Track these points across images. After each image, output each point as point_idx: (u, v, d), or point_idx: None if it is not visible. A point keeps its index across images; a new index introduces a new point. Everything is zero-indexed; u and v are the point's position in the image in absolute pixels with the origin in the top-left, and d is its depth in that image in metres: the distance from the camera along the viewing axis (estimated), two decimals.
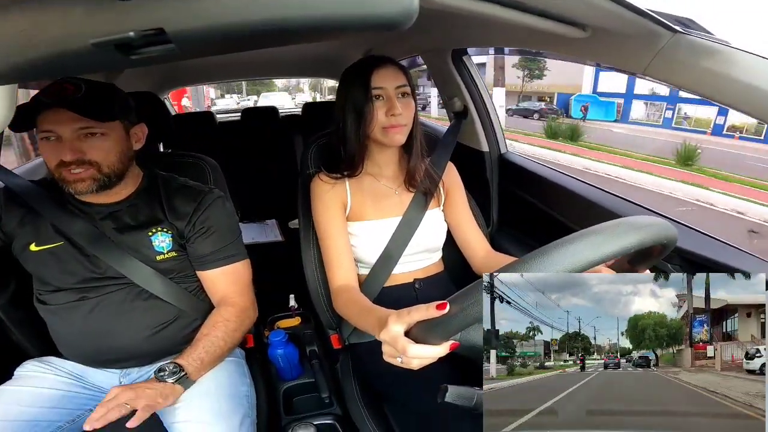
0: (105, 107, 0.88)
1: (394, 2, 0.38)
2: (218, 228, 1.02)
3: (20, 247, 0.94)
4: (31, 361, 0.98)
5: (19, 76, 0.52)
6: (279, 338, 1.14)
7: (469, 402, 0.57)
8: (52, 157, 0.87)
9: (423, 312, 0.58)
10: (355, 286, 1.04)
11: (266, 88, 24.98)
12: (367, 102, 0.97)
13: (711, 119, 19.87)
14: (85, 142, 0.87)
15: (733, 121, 18.76)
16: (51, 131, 0.85)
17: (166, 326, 0.99)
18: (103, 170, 0.90)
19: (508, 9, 0.70)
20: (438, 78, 1.61)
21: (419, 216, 1.08)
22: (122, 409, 0.77)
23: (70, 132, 0.86)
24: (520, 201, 1.47)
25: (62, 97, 0.83)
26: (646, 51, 0.76)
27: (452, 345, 0.57)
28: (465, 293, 0.53)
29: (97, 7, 0.38)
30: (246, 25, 0.38)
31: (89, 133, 0.87)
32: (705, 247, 0.90)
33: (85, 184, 0.88)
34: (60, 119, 0.84)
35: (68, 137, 0.86)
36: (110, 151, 0.90)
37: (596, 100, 23.75)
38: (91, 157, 0.88)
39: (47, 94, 0.84)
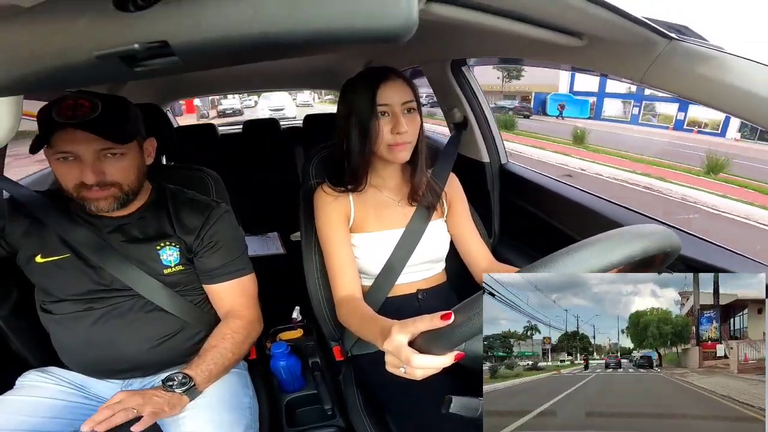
0: (124, 128, 0.88)
1: (394, 15, 0.38)
2: (226, 242, 1.03)
3: (25, 259, 0.94)
4: (32, 371, 0.98)
5: (24, 88, 0.52)
6: (281, 350, 1.14)
7: (473, 413, 0.56)
8: (70, 177, 0.86)
9: (427, 322, 0.58)
10: (358, 296, 1.03)
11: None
12: (372, 118, 0.94)
13: (673, 116, 21.64)
14: (105, 162, 0.87)
15: (695, 117, 21.15)
16: (69, 152, 0.84)
17: (170, 338, 0.98)
18: (124, 189, 0.91)
19: (507, 20, 0.71)
20: (437, 89, 1.63)
21: (422, 228, 1.08)
22: (129, 413, 0.76)
23: (91, 153, 0.85)
24: (521, 211, 1.47)
25: (79, 117, 0.82)
26: (642, 59, 0.77)
27: (457, 355, 0.57)
28: (469, 303, 0.52)
29: (101, 19, 0.39)
30: (248, 38, 0.39)
31: (109, 153, 0.87)
32: (707, 254, 0.89)
33: (107, 203, 0.89)
34: (79, 139, 0.83)
35: (88, 159, 0.85)
36: (129, 169, 0.91)
37: (571, 98, 24.54)
38: (113, 178, 0.88)
39: (63, 113, 0.82)
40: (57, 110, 0.82)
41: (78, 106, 0.83)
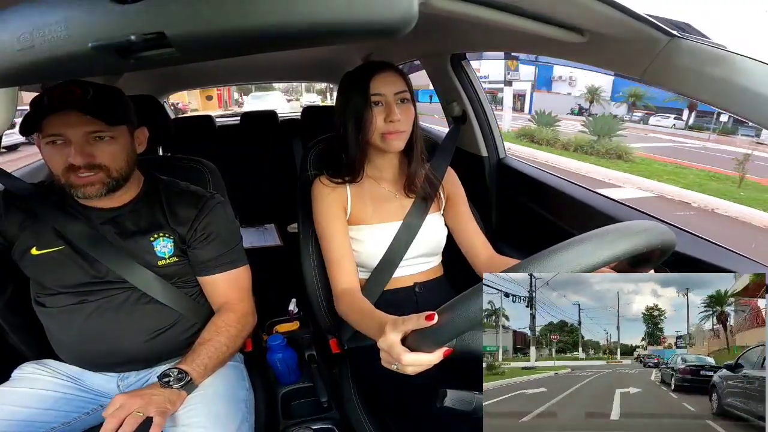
0: (114, 110, 0.88)
1: (394, 8, 0.38)
2: (219, 234, 1.02)
3: (20, 252, 0.93)
4: (29, 364, 0.98)
5: (20, 79, 0.52)
6: (277, 342, 1.14)
7: (468, 406, 0.57)
8: (59, 160, 0.86)
9: (414, 321, 0.60)
10: (357, 288, 1.04)
11: (258, 87, 17.35)
12: (366, 108, 0.97)
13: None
14: (94, 145, 0.87)
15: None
16: (59, 134, 0.84)
17: (166, 330, 0.98)
18: (112, 174, 0.90)
19: (507, 14, 0.71)
20: (437, 83, 1.62)
21: (419, 221, 1.09)
22: (137, 418, 0.76)
23: (80, 135, 0.85)
24: (519, 206, 1.47)
25: (70, 101, 0.82)
26: (643, 55, 0.77)
27: (445, 352, 0.59)
28: (454, 303, 0.54)
29: (97, 10, 0.38)
30: (246, 30, 0.38)
31: (98, 137, 0.87)
32: (707, 253, 0.90)
33: (94, 188, 0.88)
34: (69, 122, 0.83)
35: (77, 141, 0.85)
36: (118, 154, 0.90)
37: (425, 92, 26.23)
38: (101, 161, 0.88)
39: (54, 97, 0.82)
40: (49, 96, 0.83)
41: (69, 91, 0.83)
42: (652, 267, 0.65)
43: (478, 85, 1.57)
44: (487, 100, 1.57)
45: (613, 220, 0.76)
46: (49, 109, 0.82)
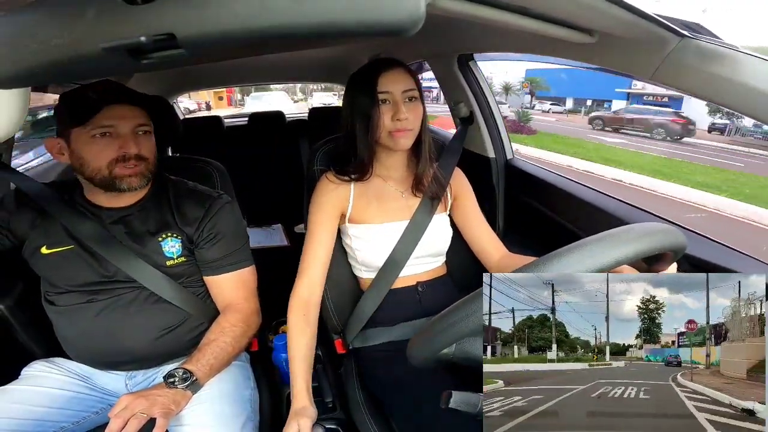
0: (152, 105, 0.95)
1: (401, 8, 0.38)
2: (226, 234, 1.03)
3: (31, 250, 0.94)
4: (38, 362, 0.99)
5: (32, 81, 0.53)
6: (283, 342, 1.14)
7: (473, 408, 0.57)
8: (108, 151, 0.89)
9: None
10: (315, 303, 1.03)
11: (258, 87, 14.99)
12: (374, 106, 0.96)
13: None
14: (139, 138, 0.92)
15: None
16: (110, 126, 0.88)
17: (173, 329, 0.99)
18: (150, 167, 0.95)
19: (515, 14, 0.70)
20: (444, 83, 1.61)
21: (426, 220, 1.08)
22: (141, 419, 0.76)
23: (130, 127, 0.90)
24: (526, 207, 1.46)
25: (122, 94, 0.89)
26: (653, 56, 0.76)
27: None
28: (449, 312, 0.54)
29: (108, 11, 0.39)
30: (254, 31, 0.38)
31: (142, 130, 0.93)
32: (710, 253, 0.89)
33: (138, 179, 0.92)
34: (121, 114, 0.89)
35: (128, 133, 0.90)
36: (153, 148, 0.97)
37: None
38: (145, 153, 0.93)
39: (105, 90, 0.88)
40: (94, 90, 0.88)
41: (115, 85, 0.90)
42: (669, 264, 0.65)
43: (485, 86, 1.56)
44: (494, 102, 1.57)
45: (621, 222, 0.75)
46: (102, 101, 0.86)
